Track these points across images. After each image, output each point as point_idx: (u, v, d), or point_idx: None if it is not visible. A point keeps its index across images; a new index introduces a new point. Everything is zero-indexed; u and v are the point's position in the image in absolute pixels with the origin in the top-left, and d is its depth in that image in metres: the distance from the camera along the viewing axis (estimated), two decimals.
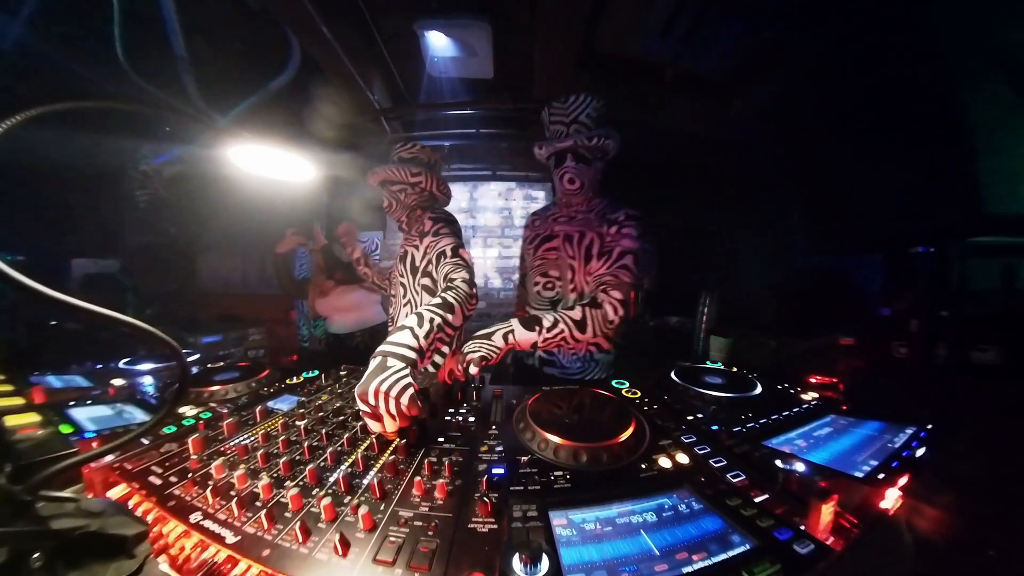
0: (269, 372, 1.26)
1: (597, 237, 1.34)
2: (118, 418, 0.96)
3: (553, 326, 1.10)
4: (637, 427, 0.81)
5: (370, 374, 0.78)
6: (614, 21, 1.87)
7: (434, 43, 2.11)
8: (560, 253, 1.41)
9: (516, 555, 0.47)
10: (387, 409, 0.75)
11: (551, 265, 1.44)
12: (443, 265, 1.31)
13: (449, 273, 1.25)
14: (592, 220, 1.38)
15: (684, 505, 0.59)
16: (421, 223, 1.52)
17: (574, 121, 1.31)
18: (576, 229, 1.39)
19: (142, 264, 2.82)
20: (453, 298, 1.06)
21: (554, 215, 1.50)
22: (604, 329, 1.16)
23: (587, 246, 1.35)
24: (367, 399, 0.75)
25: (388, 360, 0.81)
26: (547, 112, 1.37)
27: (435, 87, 2.56)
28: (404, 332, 0.90)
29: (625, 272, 1.25)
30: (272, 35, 1.99)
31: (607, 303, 1.17)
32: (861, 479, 0.65)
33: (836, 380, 1.17)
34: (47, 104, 0.47)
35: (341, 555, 0.51)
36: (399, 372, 0.79)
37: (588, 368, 1.45)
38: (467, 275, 1.23)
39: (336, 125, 2.50)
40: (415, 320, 0.93)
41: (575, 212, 1.44)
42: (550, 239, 1.46)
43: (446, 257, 1.33)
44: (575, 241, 1.38)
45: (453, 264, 1.29)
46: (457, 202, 3.70)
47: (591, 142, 1.28)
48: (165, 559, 0.54)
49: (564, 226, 1.43)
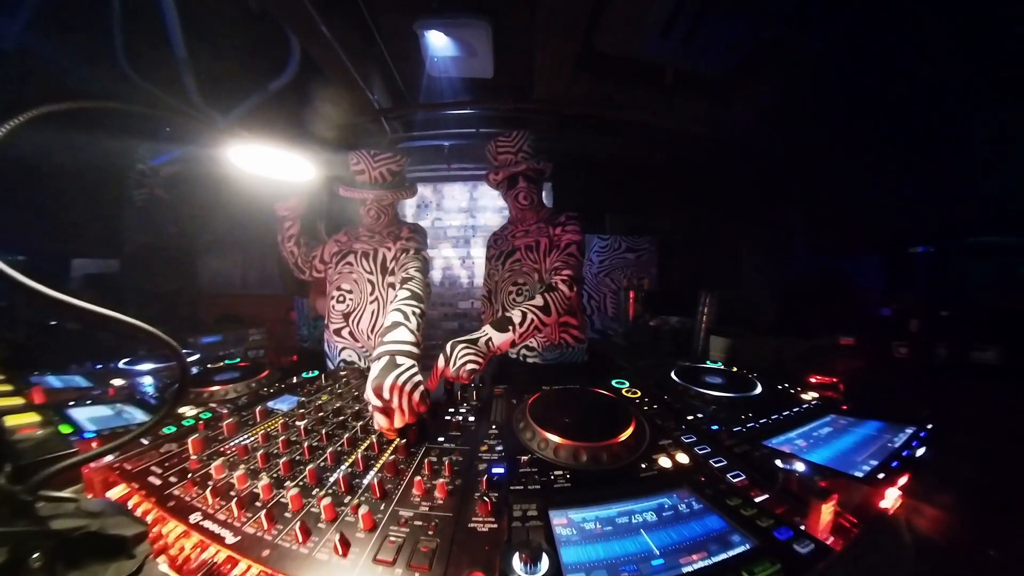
0: (269, 372, 1.26)
1: (548, 240, 1.60)
2: (118, 418, 0.96)
3: (523, 319, 1.18)
4: (637, 427, 0.81)
5: (382, 370, 0.82)
6: (614, 21, 1.87)
7: (434, 43, 2.11)
8: (524, 262, 1.65)
9: (516, 555, 0.47)
10: (400, 404, 0.79)
11: (518, 274, 1.66)
12: (403, 258, 1.57)
13: (407, 264, 1.43)
14: (543, 228, 1.64)
15: (684, 505, 0.59)
16: (397, 227, 1.70)
17: (520, 151, 1.59)
18: (532, 239, 1.65)
19: (142, 264, 2.82)
20: (416, 287, 1.16)
21: (511, 232, 1.75)
22: (564, 305, 1.30)
23: (544, 251, 1.60)
24: (382, 394, 0.78)
25: (397, 358, 0.86)
26: (494, 146, 1.64)
27: (435, 87, 2.55)
28: (400, 330, 0.96)
29: (571, 257, 1.47)
30: (272, 35, 1.99)
31: (560, 283, 1.33)
32: (861, 479, 0.65)
33: (836, 380, 1.17)
34: (47, 104, 0.47)
35: (341, 555, 0.51)
36: (411, 369, 0.84)
37: (564, 355, 1.65)
38: (421, 265, 1.41)
39: (336, 125, 2.50)
40: (401, 316, 1.00)
41: (528, 226, 1.69)
42: (512, 253, 1.69)
43: (408, 253, 1.58)
44: (535, 249, 1.63)
45: (412, 257, 1.50)
46: (457, 202, 3.70)
47: (539, 165, 1.57)
48: (165, 559, 0.54)
49: (523, 239, 1.68)
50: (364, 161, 1.58)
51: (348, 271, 1.67)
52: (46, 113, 0.47)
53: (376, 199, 1.60)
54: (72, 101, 0.49)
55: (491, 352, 1.10)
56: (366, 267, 1.65)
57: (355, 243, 1.71)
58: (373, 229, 1.69)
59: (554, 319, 1.26)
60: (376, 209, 1.62)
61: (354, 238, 1.74)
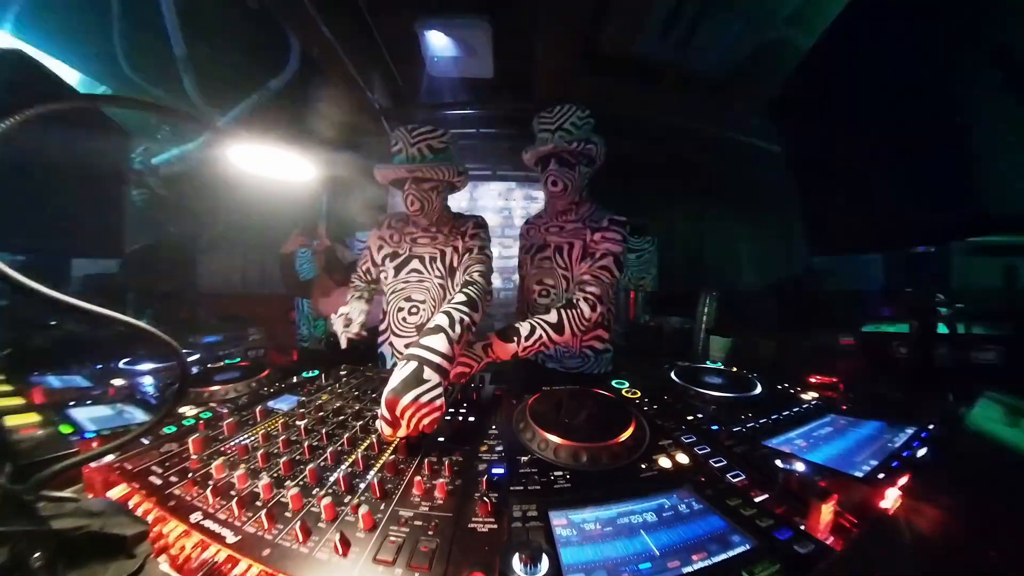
0: (269, 372, 1.26)
1: (583, 244, 1.41)
2: (118, 418, 0.96)
3: (531, 333, 1.11)
4: (637, 427, 0.81)
5: (404, 382, 0.75)
6: (614, 21, 1.87)
7: (434, 43, 2.10)
8: (552, 264, 1.48)
9: (516, 555, 0.47)
10: (409, 423, 0.75)
11: (545, 273, 1.50)
12: (466, 260, 1.37)
13: (470, 267, 1.29)
14: (580, 229, 1.44)
15: (684, 505, 0.59)
16: (458, 221, 1.50)
17: (559, 128, 1.36)
18: (566, 240, 1.46)
19: (142, 264, 2.82)
20: (474, 293, 1.06)
21: (546, 223, 1.56)
22: (581, 327, 1.18)
23: (576, 256, 1.42)
24: (395, 409, 0.74)
25: (425, 371, 0.78)
26: (536, 121, 1.44)
27: (435, 87, 2.55)
28: (439, 336, 0.86)
29: (604, 272, 1.29)
30: (272, 35, 1.99)
31: (583, 301, 1.20)
32: (861, 479, 0.65)
33: (836, 380, 1.17)
34: (47, 104, 0.47)
35: (341, 555, 0.51)
36: (434, 390, 0.76)
37: (586, 363, 1.49)
38: (485, 270, 1.28)
39: (336, 125, 2.50)
40: (446, 320, 0.91)
41: (565, 222, 1.50)
42: (543, 249, 1.52)
43: (471, 253, 1.38)
44: (565, 252, 1.45)
45: (476, 259, 1.34)
46: (457, 202, 3.70)
47: (572, 147, 1.33)
48: (165, 559, 0.54)
49: (555, 236, 1.50)
50: (402, 139, 1.35)
51: (418, 279, 1.47)
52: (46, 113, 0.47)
53: (414, 183, 1.35)
54: (72, 101, 0.49)
55: (488, 358, 1.08)
56: (437, 272, 1.45)
57: (415, 246, 1.50)
58: (428, 226, 1.48)
59: (567, 339, 1.17)
60: (415, 196, 1.35)
61: (407, 238, 1.52)
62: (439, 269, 1.46)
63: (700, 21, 1.80)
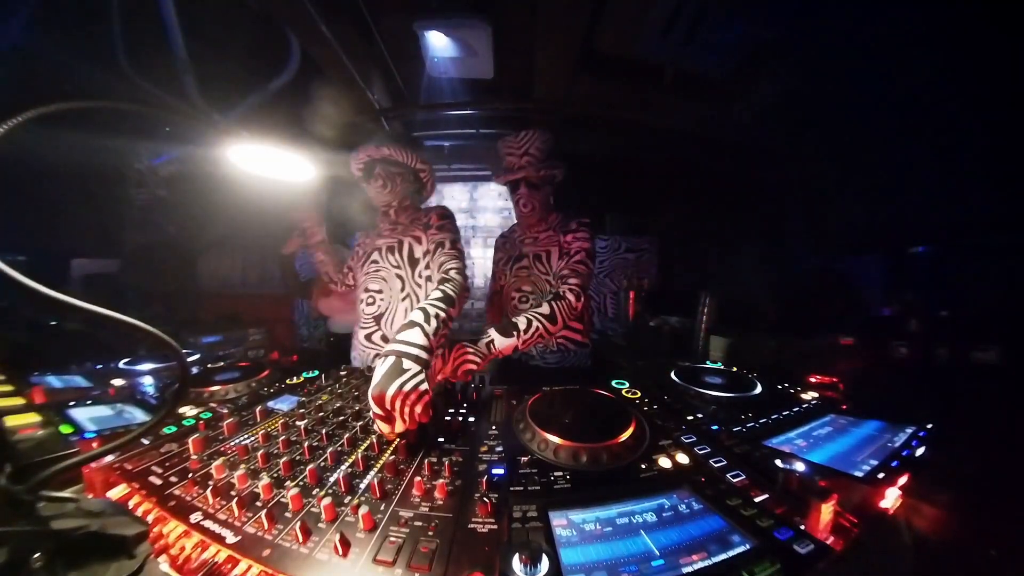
0: (269, 372, 1.26)
1: (558, 248, 1.57)
2: (118, 418, 0.96)
3: (528, 326, 1.16)
4: (637, 427, 0.81)
5: (386, 376, 0.77)
6: (614, 21, 1.87)
7: (434, 43, 2.10)
8: (532, 271, 1.61)
9: (516, 555, 0.47)
10: (402, 414, 0.76)
11: (524, 281, 1.63)
12: (439, 255, 1.40)
13: (445, 263, 1.32)
14: (552, 236, 1.60)
15: (684, 505, 0.59)
16: (425, 216, 1.54)
17: (525, 153, 1.52)
18: (542, 249, 1.61)
19: (142, 264, 2.82)
20: (451, 290, 1.07)
21: (520, 237, 1.71)
22: (571, 315, 1.28)
23: (555, 261, 1.57)
24: (383, 403, 0.75)
25: (404, 362, 0.80)
26: (502, 144, 1.58)
27: (435, 87, 2.55)
28: (415, 330, 0.87)
29: (581, 265, 1.43)
30: (272, 35, 1.99)
31: (568, 292, 1.31)
32: (861, 479, 0.65)
33: (836, 380, 1.17)
34: (47, 104, 0.47)
35: (341, 555, 0.51)
36: (416, 377, 0.78)
37: (566, 358, 1.63)
38: (461, 265, 1.31)
39: (336, 125, 2.49)
40: (421, 316, 0.91)
41: (537, 233, 1.65)
42: (520, 259, 1.65)
43: (443, 248, 1.41)
44: (544, 259, 1.60)
45: (449, 255, 1.36)
46: (457, 202, 3.69)
47: (541, 172, 1.51)
48: (165, 559, 0.54)
49: (532, 247, 1.65)
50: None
51: (375, 270, 1.54)
52: (46, 113, 0.47)
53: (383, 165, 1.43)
54: (72, 101, 0.49)
55: (491, 355, 1.10)
56: (392, 261, 1.51)
57: (378, 239, 1.58)
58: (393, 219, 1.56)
59: (559, 328, 1.25)
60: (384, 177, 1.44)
61: (376, 235, 1.61)
62: (396, 259, 1.52)
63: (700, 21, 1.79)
